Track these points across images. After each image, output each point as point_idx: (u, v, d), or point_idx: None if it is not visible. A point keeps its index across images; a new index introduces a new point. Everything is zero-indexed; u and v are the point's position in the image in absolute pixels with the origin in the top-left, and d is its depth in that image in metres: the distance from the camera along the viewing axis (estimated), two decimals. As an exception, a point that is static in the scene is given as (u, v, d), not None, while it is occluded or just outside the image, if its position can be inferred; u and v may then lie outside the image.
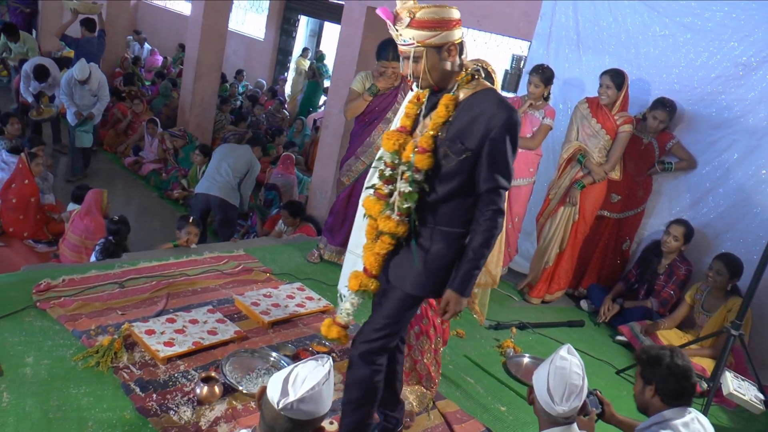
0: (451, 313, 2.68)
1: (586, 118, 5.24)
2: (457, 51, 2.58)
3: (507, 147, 2.55)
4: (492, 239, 2.63)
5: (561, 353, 2.59)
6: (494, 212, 2.60)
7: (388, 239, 2.71)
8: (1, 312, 3.70)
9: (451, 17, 2.51)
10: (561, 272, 5.58)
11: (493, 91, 2.63)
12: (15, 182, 6.59)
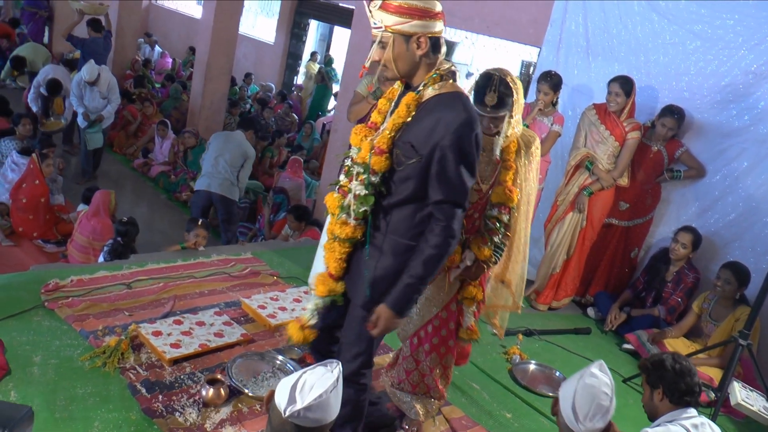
0: (380, 330, 2.50)
1: (594, 125, 5.24)
2: (428, 45, 2.39)
3: (454, 159, 2.35)
4: (437, 259, 2.41)
5: (592, 370, 2.49)
6: (442, 229, 2.39)
7: (348, 244, 2.59)
8: (10, 311, 3.72)
9: (427, 7, 2.34)
10: (568, 279, 5.57)
11: (459, 96, 2.41)
12: (26, 182, 6.64)
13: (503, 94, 2.87)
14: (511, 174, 3.05)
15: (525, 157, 3.09)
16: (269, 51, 14.76)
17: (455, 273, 3.11)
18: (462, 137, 2.33)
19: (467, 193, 2.43)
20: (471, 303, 3.18)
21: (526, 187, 3.13)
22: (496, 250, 3.11)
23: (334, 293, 2.66)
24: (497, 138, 2.98)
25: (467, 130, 2.34)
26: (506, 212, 3.06)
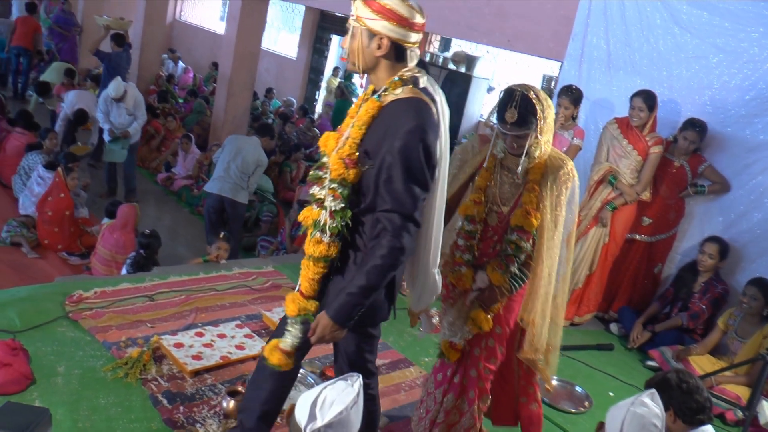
0: (317, 338, 2.37)
1: (616, 139, 5.22)
2: (389, 49, 2.32)
3: (399, 167, 2.24)
4: (380, 271, 2.27)
5: (643, 398, 2.43)
6: (388, 240, 2.26)
7: (322, 264, 2.43)
8: (35, 322, 3.77)
9: (401, 13, 2.27)
10: (590, 294, 5.52)
11: (414, 102, 2.32)
12: (51, 196, 6.73)
13: (525, 112, 2.72)
14: (534, 197, 2.86)
15: (553, 181, 2.85)
16: (291, 66, 14.87)
17: (471, 296, 2.98)
18: (408, 144, 2.24)
19: (416, 204, 2.28)
20: (474, 329, 2.96)
21: (551, 213, 2.86)
22: (513, 278, 2.92)
23: (306, 312, 2.47)
24: (522, 158, 2.82)
25: (414, 137, 2.24)
26: (526, 238, 2.87)
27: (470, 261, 3.00)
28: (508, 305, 2.99)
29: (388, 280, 2.33)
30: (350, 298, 2.30)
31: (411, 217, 2.28)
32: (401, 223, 2.26)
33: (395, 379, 4.05)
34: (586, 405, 4.22)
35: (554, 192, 2.85)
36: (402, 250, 2.28)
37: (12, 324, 3.71)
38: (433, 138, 2.31)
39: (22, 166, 7.49)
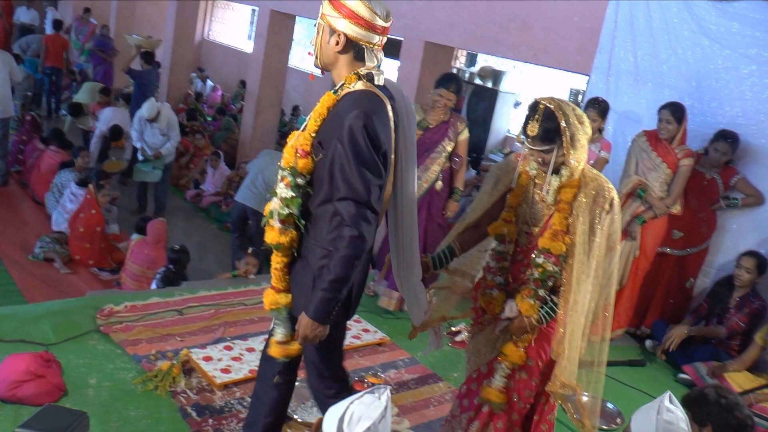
0: (302, 338, 2.41)
1: (645, 152, 5.17)
2: (346, 46, 2.40)
3: (347, 153, 2.30)
4: (344, 262, 2.31)
5: (666, 404, 2.39)
6: (346, 230, 2.30)
7: (279, 252, 2.51)
8: (68, 335, 3.84)
9: (357, 11, 2.35)
10: (621, 309, 5.43)
11: (364, 93, 2.39)
12: (83, 212, 6.84)
13: (547, 126, 2.60)
14: (564, 219, 2.71)
15: (588, 204, 2.68)
16: (318, 83, 14.83)
17: (500, 325, 2.86)
18: (352, 130, 2.30)
19: (368, 189, 2.31)
20: (504, 359, 2.85)
21: (583, 237, 2.68)
22: (543, 307, 2.76)
23: (277, 305, 2.54)
24: (550, 176, 2.71)
25: (358, 122, 2.30)
26: (554, 262, 2.72)
27: (502, 284, 2.89)
28: (542, 334, 2.83)
29: (356, 269, 2.37)
30: (323, 293, 2.34)
31: (366, 203, 2.32)
32: (356, 211, 2.30)
33: (424, 394, 4.02)
34: (618, 422, 4.15)
35: (589, 216, 2.68)
36: (361, 238, 2.31)
37: (45, 337, 3.78)
38: (380, 126, 2.35)
39: (55, 184, 7.63)
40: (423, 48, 7.59)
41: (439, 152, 4.98)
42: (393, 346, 4.55)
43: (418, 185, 4.93)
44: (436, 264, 2.97)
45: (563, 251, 2.70)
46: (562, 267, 2.72)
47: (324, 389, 2.73)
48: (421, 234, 5.03)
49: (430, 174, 5.02)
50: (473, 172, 9.36)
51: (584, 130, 2.65)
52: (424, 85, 7.51)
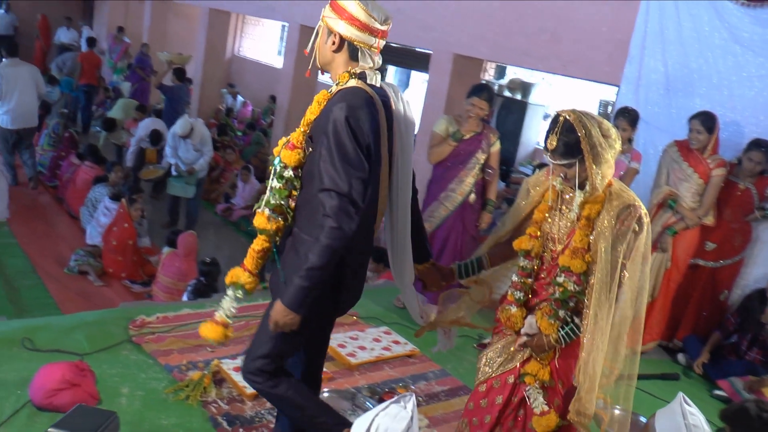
0: (273, 324, 2.44)
1: (676, 162, 5.11)
2: (340, 46, 2.49)
3: (330, 144, 2.36)
4: (322, 252, 2.34)
5: (688, 408, 2.38)
6: (326, 221, 2.34)
7: (263, 237, 2.58)
8: (101, 345, 3.90)
9: (353, 12, 2.44)
10: (653, 322, 5.36)
11: (352, 90, 2.46)
12: (116, 226, 6.96)
13: (566, 139, 2.50)
14: (585, 236, 2.59)
15: (612, 222, 2.54)
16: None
17: (520, 341, 2.75)
18: (335, 122, 2.36)
19: (350, 182, 2.35)
20: (531, 381, 2.71)
21: (605, 256, 2.53)
22: (564, 327, 2.64)
23: (237, 280, 2.61)
24: (576, 191, 2.60)
25: (341, 115, 2.36)
26: (575, 281, 2.60)
27: (521, 300, 2.77)
28: (565, 354, 2.69)
29: (332, 261, 2.38)
30: (298, 281, 2.38)
31: (347, 196, 2.34)
32: (336, 202, 2.34)
33: (454, 406, 4.00)
34: (650, 435, 4.09)
35: (611, 234, 2.54)
36: (340, 230, 2.34)
37: (80, 347, 3.85)
38: (365, 120, 2.40)
39: (89, 198, 7.77)
40: (452, 60, 7.61)
41: (473, 164, 5.00)
42: (423, 357, 4.54)
43: (452, 198, 5.01)
44: (461, 273, 2.94)
45: (583, 269, 2.59)
46: (584, 287, 2.60)
47: None
48: (455, 246, 5.04)
49: (464, 186, 5.03)
50: (503, 184, 9.33)
51: (609, 144, 2.53)
52: (453, 98, 7.52)
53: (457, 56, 7.62)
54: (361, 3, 2.44)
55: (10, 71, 8.48)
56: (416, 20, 8.16)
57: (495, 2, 7.15)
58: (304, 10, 10.19)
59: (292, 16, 10.45)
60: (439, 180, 5.11)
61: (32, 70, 8.85)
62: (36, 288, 6.23)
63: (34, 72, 8.83)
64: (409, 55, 13.49)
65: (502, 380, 2.79)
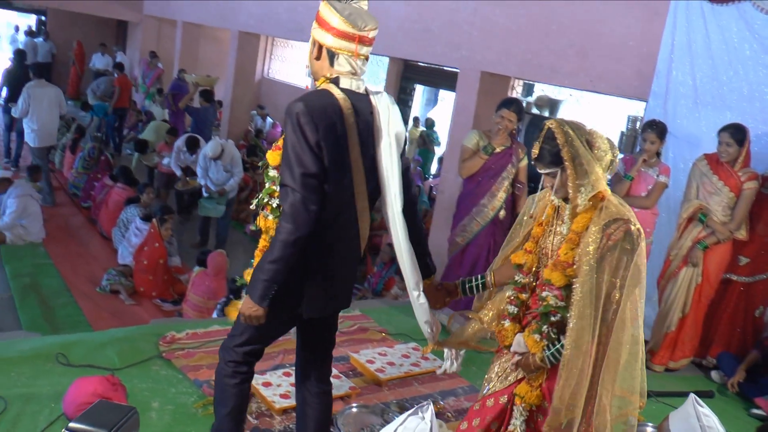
0: (241, 317, 2.59)
1: (706, 176, 5.05)
2: (320, 53, 2.57)
3: (286, 142, 2.46)
4: (276, 245, 2.44)
5: (701, 410, 2.38)
6: (282, 214, 2.45)
7: (264, 236, 2.67)
8: (132, 360, 3.97)
9: (326, 19, 2.52)
10: (685, 338, 5.28)
11: (317, 90, 2.58)
12: (147, 246, 7.05)
13: (548, 147, 2.47)
14: (569, 249, 2.51)
15: (595, 234, 2.44)
16: (376, 117, 15.14)
17: (513, 360, 2.65)
18: (288, 118, 2.45)
19: (297, 176, 2.42)
20: (519, 401, 2.62)
21: (590, 273, 2.41)
22: (550, 347, 2.51)
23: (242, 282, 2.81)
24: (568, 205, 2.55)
25: (291, 111, 2.44)
26: (556, 295, 2.51)
27: (514, 314, 2.69)
28: (553, 376, 2.54)
29: (286, 255, 2.45)
30: (258, 273, 2.50)
31: (298, 190, 2.42)
32: (290, 197, 2.44)
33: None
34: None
35: (598, 249, 2.42)
36: (292, 225, 2.42)
37: (111, 362, 3.92)
38: (318, 119, 2.44)
39: (121, 219, 7.90)
40: (479, 78, 7.62)
41: (504, 178, 5.02)
42: (452, 374, 4.50)
43: (484, 212, 5.01)
44: (465, 291, 2.91)
45: (563, 283, 2.50)
46: (568, 303, 2.49)
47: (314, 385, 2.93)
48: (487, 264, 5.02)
49: (496, 201, 5.05)
50: (531, 201, 9.27)
51: (596, 156, 2.47)
52: (481, 116, 7.53)
53: (484, 74, 7.64)
54: (337, 11, 2.49)
55: (37, 91, 9.13)
56: (443, 39, 8.21)
57: (521, 19, 7.16)
58: (332, 31, 10.28)
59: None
60: (470, 194, 5.12)
61: (56, 91, 9.50)
62: (69, 306, 6.33)
63: (57, 93, 9.49)
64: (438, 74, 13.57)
65: (495, 399, 2.70)
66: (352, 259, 2.77)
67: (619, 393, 2.59)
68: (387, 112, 2.64)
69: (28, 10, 20.21)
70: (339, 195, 2.56)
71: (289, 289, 2.59)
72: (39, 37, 18.71)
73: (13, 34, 20.31)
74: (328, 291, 2.70)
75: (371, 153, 2.63)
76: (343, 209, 2.62)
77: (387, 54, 11.38)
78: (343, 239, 2.67)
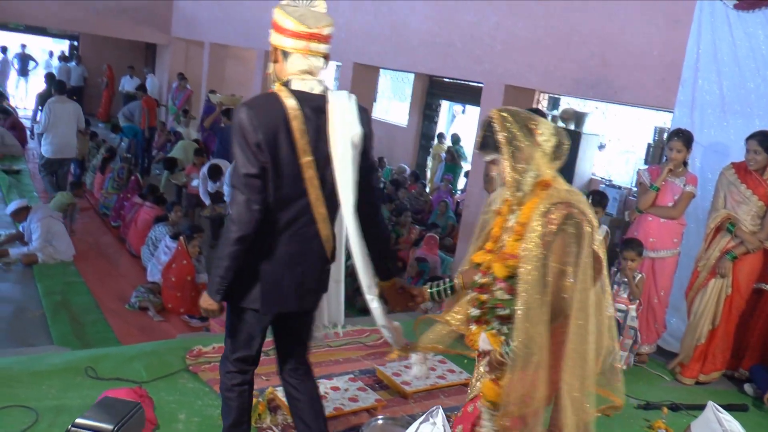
0: (202, 309, 2.76)
1: (733, 185, 4.97)
2: (277, 56, 2.65)
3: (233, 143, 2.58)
4: (222, 243, 2.59)
5: (722, 416, 2.35)
6: (229, 213, 2.60)
7: None
8: (160, 373, 4.03)
9: (278, 21, 2.59)
10: (716, 351, 5.18)
11: (265, 93, 2.67)
12: (175, 263, 7.13)
13: (486, 133, 2.47)
14: (514, 241, 2.46)
15: (536, 220, 2.38)
16: (402, 133, 15.23)
17: (483, 362, 2.62)
18: (233, 121, 2.58)
19: (238, 175, 2.54)
20: (483, 400, 2.59)
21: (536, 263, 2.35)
22: (509, 341, 2.43)
23: None
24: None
25: (235, 115, 2.58)
26: (502, 287, 2.48)
27: (477, 317, 2.64)
28: None
29: (229, 251, 2.56)
30: (212, 270, 2.67)
31: (239, 189, 2.54)
32: (233, 195, 2.58)
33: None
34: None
35: (540, 235, 2.37)
36: (234, 223, 2.54)
37: (139, 375, 3.98)
38: (258, 120, 2.52)
39: (150, 238, 8.01)
40: (503, 92, 7.64)
41: None
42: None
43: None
44: (433, 296, 2.88)
45: (505, 274, 2.47)
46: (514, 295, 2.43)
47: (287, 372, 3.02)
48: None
49: None
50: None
51: (535, 140, 2.42)
52: (505, 130, 7.52)
53: (508, 87, 7.65)
54: (289, 14, 2.58)
55: (57, 107, 9.75)
56: (465, 53, 8.24)
57: (543, 31, 7.17)
58: (357, 48, 10.39)
59: (345, 54, 10.65)
60: None
61: (75, 106, 10.16)
62: (99, 323, 6.42)
63: (76, 108, 10.14)
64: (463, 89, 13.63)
65: (474, 404, 2.65)
66: (313, 262, 2.79)
67: (592, 390, 2.49)
68: (342, 112, 2.67)
69: (62, 35, 20.74)
70: (292, 198, 2.63)
71: (245, 288, 2.70)
72: (72, 61, 19.16)
73: (47, 60, 20.80)
74: (284, 290, 2.74)
75: (326, 154, 2.67)
76: (300, 213, 2.67)
77: (409, 70, 11.44)
78: (301, 242, 2.72)
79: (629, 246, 4.84)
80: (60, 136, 9.78)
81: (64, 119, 9.76)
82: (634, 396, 4.61)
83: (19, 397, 3.60)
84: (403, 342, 3.03)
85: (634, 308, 4.84)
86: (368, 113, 2.81)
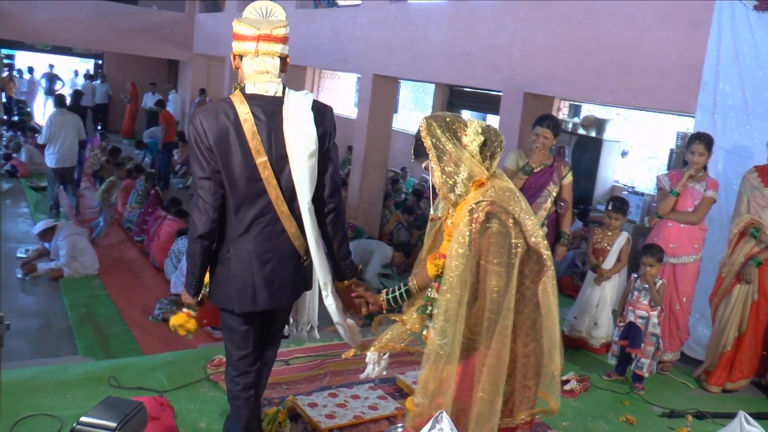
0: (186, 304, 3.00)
1: (757, 188, 4.90)
2: (236, 61, 2.77)
3: None
4: (188, 243, 2.80)
5: (749, 427, 2.32)
6: None
7: None
8: (181, 382, 4.07)
9: (234, 30, 2.71)
10: (743, 358, 5.08)
11: (219, 99, 2.80)
12: (198, 275, 7.17)
13: (416, 140, 2.57)
14: (446, 241, 2.53)
15: (461, 219, 2.41)
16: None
17: None
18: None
19: (195, 181, 2.71)
20: None
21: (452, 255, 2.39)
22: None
23: None
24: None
25: (189, 121, 2.73)
26: (435, 288, 2.55)
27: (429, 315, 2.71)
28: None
29: (192, 249, 2.78)
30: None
31: (197, 195, 2.72)
32: (194, 200, 2.76)
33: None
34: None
35: (468, 236, 2.37)
36: (193, 223, 2.75)
37: (160, 384, 4.02)
38: (208, 125, 2.65)
39: (173, 250, 8.06)
40: (522, 100, 7.62)
41: (545, 197, 4.96)
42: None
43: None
44: (390, 303, 2.89)
45: (433, 274, 2.57)
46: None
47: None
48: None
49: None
50: (580, 223, 9.17)
51: (461, 143, 2.47)
52: (524, 138, 7.50)
53: (527, 95, 7.63)
54: (241, 21, 2.71)
55: (59, 119, 10.40)
56: (483, 62, 8.24)
57: (560, 38, 7.15)
58: (377, 59, 10.42)
59: (365, 67, 10.70)
60: None
61: (75, 118, 10.75)
62: (123, 335, 6.49)
63: (76, 120, 10.74)
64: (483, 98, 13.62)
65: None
66: (283, 259, 2.84)
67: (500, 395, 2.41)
68: (297, 113, 2.74)
69: (87, 54, 21.11)
70: (250, 197, 2.71)
71: (222, 289, 2.86)
72: (97, 79, 19.49)
73: (72, 79, 21.18)
74: (255, 288, 2.82)
75: (282, 154, 2.73)
76: (263, 211, 2.75)
77: (428, 80, 11.44)
78: (267, 240, 2.78)
79: (648, 252, 4.79)
80: (62, 147, 10.38)
81: (64, 130, 10.35)
82: (658, 404, 4.56)
83: (44, 406, 3.66)
84: (359, 340, 3.18)
85: (655, 315, 4.77)
86: (329, 111, 2.88)
